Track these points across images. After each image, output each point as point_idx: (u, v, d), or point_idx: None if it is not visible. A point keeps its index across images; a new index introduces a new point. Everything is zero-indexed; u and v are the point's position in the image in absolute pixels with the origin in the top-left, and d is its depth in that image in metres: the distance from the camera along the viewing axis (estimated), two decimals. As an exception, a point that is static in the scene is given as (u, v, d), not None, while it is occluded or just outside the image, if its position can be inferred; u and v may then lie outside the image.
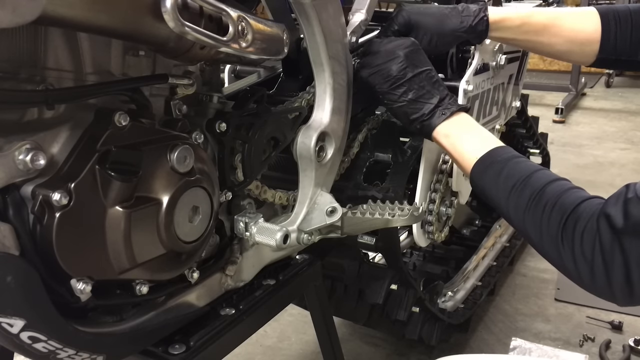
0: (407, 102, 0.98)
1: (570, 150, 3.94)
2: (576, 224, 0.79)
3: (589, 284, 0.80)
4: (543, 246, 0.85)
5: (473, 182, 0.95)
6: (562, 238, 0.80)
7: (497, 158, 0.92)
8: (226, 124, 0.86)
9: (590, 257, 0.77)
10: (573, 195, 0.83)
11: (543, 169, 0.90)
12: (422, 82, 0.98)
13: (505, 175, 0.89)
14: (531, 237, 0.86)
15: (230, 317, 0.94)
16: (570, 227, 0.80)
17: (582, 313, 2.06)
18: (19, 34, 0.62)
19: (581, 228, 0.79)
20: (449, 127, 0.98)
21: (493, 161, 0.92)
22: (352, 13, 1.06)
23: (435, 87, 0.99)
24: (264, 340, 1.93)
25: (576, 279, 0.81)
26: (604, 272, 0.76)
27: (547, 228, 0.82)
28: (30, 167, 0.61)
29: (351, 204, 1.02)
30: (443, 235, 1.44)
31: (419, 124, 0.99)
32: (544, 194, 0.84)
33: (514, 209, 0.87)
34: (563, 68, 6.36)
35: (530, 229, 0.85)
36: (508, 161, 0.91)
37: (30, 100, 0.62)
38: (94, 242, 0.67)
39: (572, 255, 0.79)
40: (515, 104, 1.79)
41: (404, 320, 1.49)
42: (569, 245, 0.80)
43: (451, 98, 1.00)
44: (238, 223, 0.93)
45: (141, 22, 0.63)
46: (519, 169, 0.89)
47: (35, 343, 0.64)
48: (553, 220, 0.82)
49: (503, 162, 0.91)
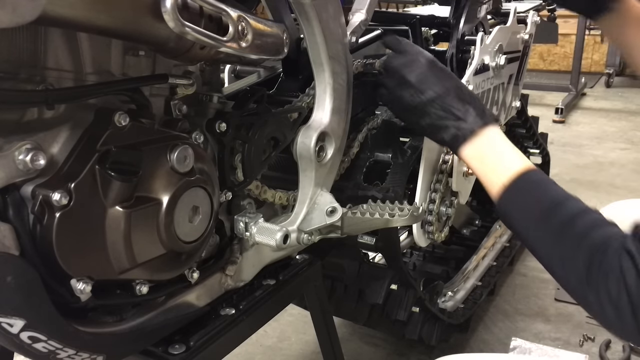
0: (425, 127, 0.96)
1: (570, 150, 3.94)
2: (601, 264, 0.75)
3: (617, 326, 0.76)
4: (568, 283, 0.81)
5: (499, 210, 0.90)
6: (588, 279, 0.76)
7: (525, 184, 0.88)
8: (226, 124, 0.86)
9: (616, 298, 0.74)
10: (599, 233, 0.78)
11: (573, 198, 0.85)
12: (438, 105, 0.94)
13: (531, 203, 0.85)
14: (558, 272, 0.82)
15: (230, 317, 0.94)
16: (595, 268, 0.76)
17: (582, 313, 2.05)
18: (19, 34, 0.62)
19: (606, 269, 0.75)
20: (473, 150, 0.93)
21: (521, 188, 0.87)
22: (352, 13, 1.06)
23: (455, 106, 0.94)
24: (264, 340, 1.93)
25: (602, 320, 0.78)
26: (630, 313, 0.73)
27: (573, 266, 0.78)
28: (30, 167, 0.61)
29: (351, 204, 1.02)
30: (443, 235, 1.44)
31: (444, 143, 0.97)
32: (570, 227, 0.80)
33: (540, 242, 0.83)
34: (563, 68, 6.36)
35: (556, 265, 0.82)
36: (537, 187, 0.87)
37: (30, 100, 0.62)
38: (94, 242, 0.67)
39: (597, 296, 0.76)
40: (515, 104, 1.79)
41: (404, 320, 1.49)
42: (594, 287, 0.76)
43: (474, 115, 0.94)
44: (238, 223, 0.93)
45: (141, 22, 0.63)
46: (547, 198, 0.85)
47: (35, 343, 0.64)
48: (578, 258, 0.78)
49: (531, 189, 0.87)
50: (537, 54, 7.05)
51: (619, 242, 0.75)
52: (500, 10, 1.89)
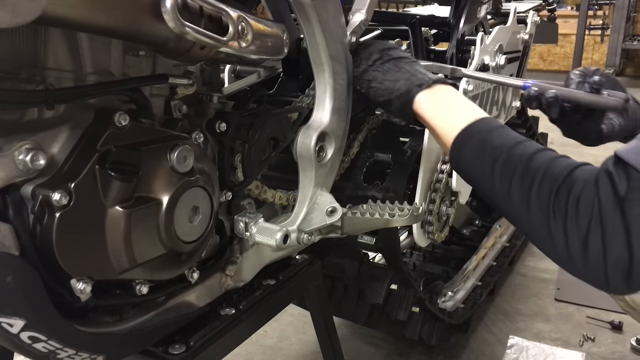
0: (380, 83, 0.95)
1: (571, 150, 3.91)
2: (571, 189, 0.71)
3: (579, 258, 0.70)
4: (530, 221, 0.75)
5: (453, 157, 0.87)
6: (554, 208, 0.72)
7: (482, 127, 0.85)
8: (226, 124, 0.86)
9: (585, 224, 0.69)
10: (564, 162, 0.76)
11: (529, 140, 0.82)
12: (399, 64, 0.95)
13: (490, 145, 0.81)
14: (518, 213, 0.77)
15: (230, 317, 0.94)
16: (563, 194, 0.71)
17: (582, 313, 2.06)
18: (19, 34, 0.62)
19: (577, 192, 0.71)
20: (429, 97, 0.91)
21: (478, 131, 0.84)
22: (352, 13, 1.05)
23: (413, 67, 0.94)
24: (264, 340, 1.93)
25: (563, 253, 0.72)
26: (600, 240, 0.68)
27: (536, 198, 0.74)
28: (30, 167, 0.61)
29: (351, 204, 1.02)
30: (443, 235, 1.44)
31: (398, 102, 0.93)
32: (531, 162, 0.76)
33: (499, 182, 0.79)
34: (563, 68, 6.37)
35: (518, 202, 0.76)
36: (494, 130, 0.84)
37: (30, 100, 0.62)
38: (94, 242, 0.66)
39: (563, 226, 0.71)
40: (515, 104, 1.80)
41: (404, 320, 1.50)
42: (561, 215, 0.71)
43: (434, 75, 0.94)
44: (238, 223, 0.93)
45: (141, 22, 0.63)
46: (506, 138, 0.81)
47: (35, 343, 0.64)
48: (544, 189, 0.73)
49: (488, 131, 0.84)
50: (537, 54, 7.05)
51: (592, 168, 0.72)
52: (500, 10, 1.89)
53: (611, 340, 1.92)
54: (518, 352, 1.83)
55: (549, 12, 2.63)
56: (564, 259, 0.73)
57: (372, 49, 0.99)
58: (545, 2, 2.40)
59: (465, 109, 0.90)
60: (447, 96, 0.93)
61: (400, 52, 0.99)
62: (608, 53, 6.59)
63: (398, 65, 0.95)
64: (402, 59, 0.96)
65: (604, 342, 1.91)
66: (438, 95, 0.92)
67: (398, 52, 0.99)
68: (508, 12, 1.64)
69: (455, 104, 0.92)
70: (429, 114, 0.91)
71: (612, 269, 0.68)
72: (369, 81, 0.97)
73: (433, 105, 0.91)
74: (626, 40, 6.51)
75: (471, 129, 0.85)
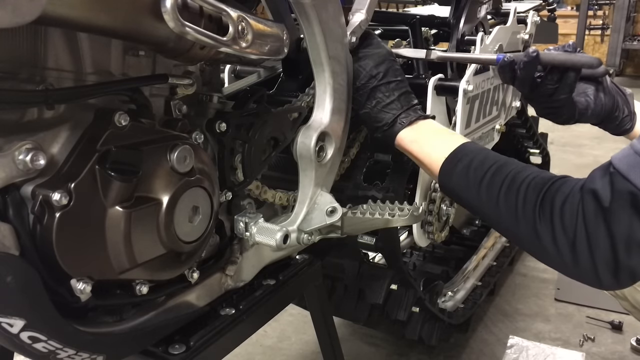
0: (370, 110, 0.98)
1: (570, 150, 3.94)
2: (554, 197, 0.75)
3: (570, 263, 0.74)
4: (519, 230, 0.79)
5: (442, 182, 0.91)
6: (540, 215, 0.76)
7: (465, 152, 0.89)
8: (226, 124, 0.86)
9: (572, 232, 0.72)
10: (547, 175, 0.80)
11: (512, 159, 0.87)
12: (389, 92, 0.97)
13: (474, 167, 0.86)
14: (507, 225, 0.81)
15: (230, 317, 0.94)
16: (548, 202, 0.75)
17: (582, 313, 2.06)
18: (19, 34, 0.62)
19: (561, 201, 0.74)
20: (412, 133, 0.96)
21: (462, 156, 0.89)
22: (352, 13, 1.05)
23: (401, 98, 0.97)
24: (264, 340, 1.93)
25: (555, 258, 0.76)
26: (587, 247, 0.71)
27: (522, 209, 0.78)
28: (30, 167, 0.61)
29: (351, 204, 1.02)
30: (443, 235, 1.44)
31: (381, 133, 0.98)
32: (516, 177, 0.81)
33: (486, 198, 0.83)
34: (563, 68, 6.34)
35: (505, 215, 0.80)
36: (477, 153, 0.88)
37: (30, 100, 0.62)
38: (94, 242, 0.66)
39: (551, 231, 0.74)
40: (515, 104, 1.79)
41: (403, 320, 1.50)
42: (547, 221, 0.74)
43: (416, 109, 0.98)
44: (238, 223, 0.93)
45: (141, 22, 0.63)
46: (488, 159, 0.86)
47: (35, 343, 0.64)
48: (529, 198, 0.77)
49: (471, 155, 0.88)
50: (537, 54, 7.03)
51: (575, 180, 0.76)
52: (500, 10, 1.89)
53: (611, 340, 1.92)
54: (518, 352, 1.84)
55: (549, 12, 2.63)
56: (557, 263, 0.77)
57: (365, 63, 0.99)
58: (545, 2, 2.39)
59: (447, 139, 0.95)
60: (428, 130, 0.97)
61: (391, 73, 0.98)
62: (608, 53, 6.59)
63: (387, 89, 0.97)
64: (392, 83, 0.98)
65: (604, 342, 1.91)
66: (419, 131, 0.97)
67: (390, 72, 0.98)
68: (508, 12, 1.64)
69: (437, 136, 0.96)
70: (413, 148, 0.96)
71: (602, 269, 0.72)
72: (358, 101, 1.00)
73: (416, 140, 0.96)
74: (626, 40, 6.52)
75: (455, 155, 0.90)
